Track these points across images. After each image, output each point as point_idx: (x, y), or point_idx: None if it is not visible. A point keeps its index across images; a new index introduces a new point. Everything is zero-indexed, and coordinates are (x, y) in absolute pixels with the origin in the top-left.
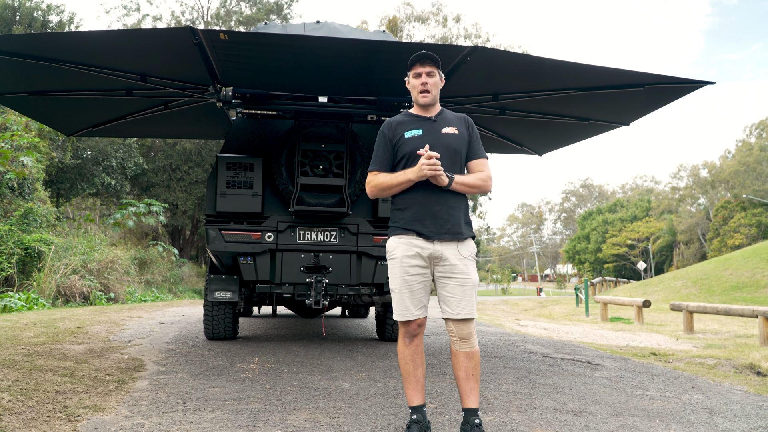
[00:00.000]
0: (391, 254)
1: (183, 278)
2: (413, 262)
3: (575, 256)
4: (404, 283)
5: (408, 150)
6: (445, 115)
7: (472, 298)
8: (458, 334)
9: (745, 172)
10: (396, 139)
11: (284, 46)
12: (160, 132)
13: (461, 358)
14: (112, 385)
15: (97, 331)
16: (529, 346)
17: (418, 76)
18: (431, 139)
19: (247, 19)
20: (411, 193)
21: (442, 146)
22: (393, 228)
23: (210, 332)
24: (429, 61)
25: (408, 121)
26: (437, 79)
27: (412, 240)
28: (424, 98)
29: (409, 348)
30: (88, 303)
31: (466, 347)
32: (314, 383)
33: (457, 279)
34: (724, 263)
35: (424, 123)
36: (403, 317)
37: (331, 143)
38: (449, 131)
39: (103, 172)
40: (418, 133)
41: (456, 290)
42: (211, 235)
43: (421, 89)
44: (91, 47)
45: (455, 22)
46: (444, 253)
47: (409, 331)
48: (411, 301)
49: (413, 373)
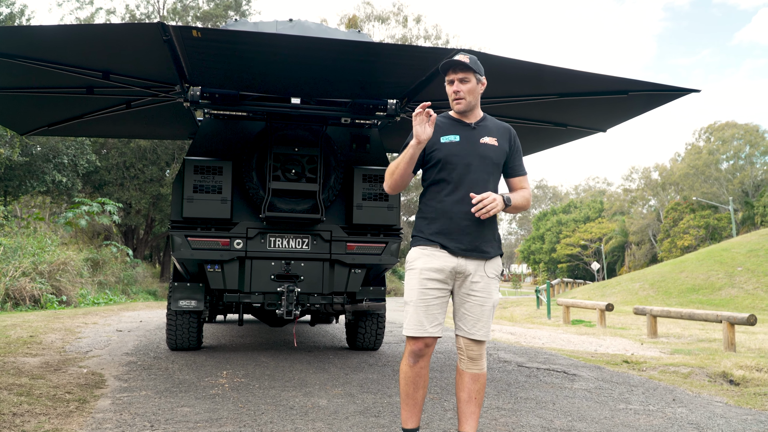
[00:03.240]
0: (410, 264)
1: (137, 279)
2: (433, 275)
3: (530, 256)
4: (421, 297)
5: (442, 155)
6: (486, 123)
7: (489, 319)
8: (468, 354)
9: (695, 175)
10: (431, 141)
11: (259, 44)
12: (121, 132)
13: (466, 379)
14: (73, 405)
15: (52, 341)
16: (502, 354)
17: (450, 84)
18: (468, 148)
19: (204, 14)
20: (440, 204)
21: (478, 156)
22: (417, 238)
23: (173, 342)
24: (461, 66)
25: (446, 125)
26: (473, 85)
27: (435, 252)
28: (458, 105)
29: (413, 369)
30: (39, 307)
31: (473, 368)
32: (289, 400)
33: (477, 298)
34: (680, 265)
35: (463, 129)
36: (416, 333)
37: (304, 147)
38: (488, 141)
39: (54, 170)
40: (455, 139)
41: (474, 309)
42: (177, 241)
43: (454, 97)
44: (51, 42)
45: (416, 23)
46: (468, 270)
47: (416, 351)
48: (426, 317)
49: (413, 395)
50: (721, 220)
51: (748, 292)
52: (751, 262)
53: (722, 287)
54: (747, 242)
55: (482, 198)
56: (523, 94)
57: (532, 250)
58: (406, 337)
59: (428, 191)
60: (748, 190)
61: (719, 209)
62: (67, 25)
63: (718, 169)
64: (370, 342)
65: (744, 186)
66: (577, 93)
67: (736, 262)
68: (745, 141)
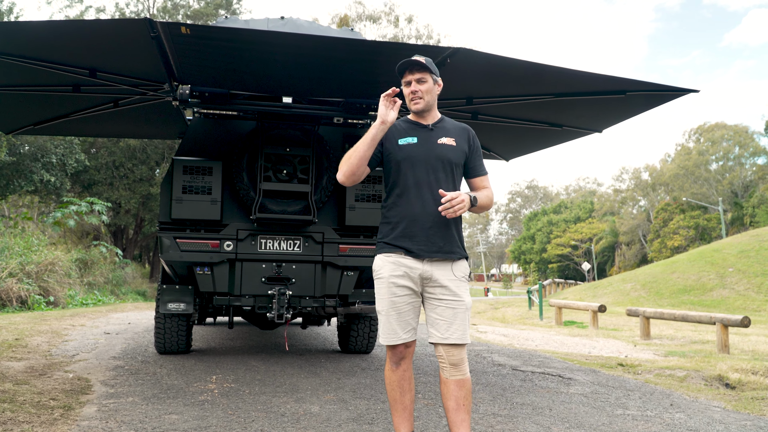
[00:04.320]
0: (377, 273)
1: (126, 279)
2: (401, 282)
3: (521, 256)
4: (392, 305)
5: (401, 158)
6: (444, 124)
7: (464, 321)
8: (448, 360)
9: (684, 175)
10: (390, 144)
11: (250, 42)
12: (108, 131)
13: (451, 387)
14: (58, 412)
15: (38, 344)
16: (496, 357)
17: (408, 85)
18: (426, 149)
19: (195, 13)
20: (402, 206)
21: (437, 157)
22: (380, 245)
23: (161, 346)
24: (418, 67)
25: (404, 128)
26: (430, 85)
27: (400, 259)
28: (416, 105)
29: (396, 373)
30: (26, 308)
31: (457, 374)
32: (280, 406)
33: (447, 301)
34: (671, 266)
35: (420, 131)
36: (390, 341)
37: (296, 147)
38: (446, 142)
39: (42, 169)
40: (413, 140)
41: (446, 313)
42: (165, 243)
43: (411, 97)
44: (36, 39)
45: (407, 23)
46: (435, 274)
47: (396, 355)
48: (399, 324)
49: (401, 400)
50: (711, 221)
51: (740, 293)
52: (742, 263)
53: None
54: (738, 243)
55: (452, 197)
56: (521, 93)
57: (522, 250)
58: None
59: (390, 196)
60: (738, 191)
61: (709, 210)
62: (52, 21)
63: (707, 170)
64: (362, 345)
65: (733, 187)
66: (574, 93)
67: (728, 263)
68: (735, 142)
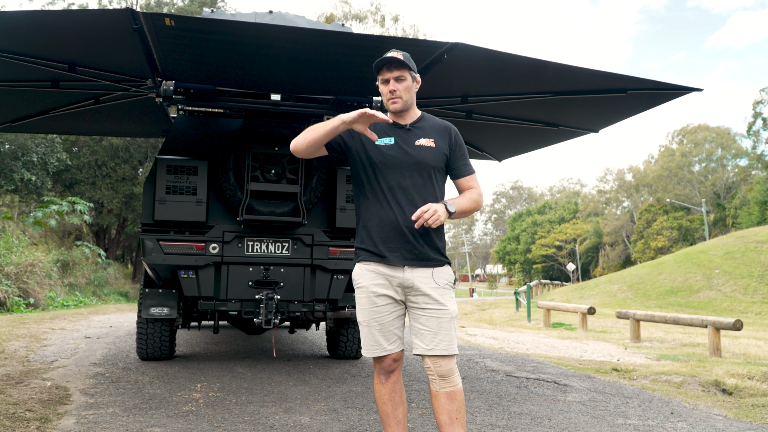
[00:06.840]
0: (357, 283)
1: (108, 280)
2: (381, 291)
3: (505, 256)
4: (373, 316)
5: (377, 160)
6: (423, 123)
7: (450, 331)
8: (437, 372)
9: (668, 176)
10: (367, 142)
11: (237, 35)
12: (89, 129)
13: (442, 400)
14: (33, 425)
15: (15, 349)
16: (489, 362)
17: (386, 83)
18: (403, 151)
19: (179, 10)
20: (379, 210)
21: (413, 160)
22: (358, 251)
23: (144, 352)
24: (396, 64)
25: (381, 128)
26: (409, 83)
27: (379, 267)
28: (394, 104)
29: (385, 386)
30: (5, 310)
31: (447, 386)
32: (268, 417)
33: (431, 310)
34: (658, 267)
35: (398, 131)
36: (375, 353)
37: (284, 146)
38: (424, 143)
39: (23, 168)
40: (390, 141)
41: (431, 323)
42: (148, 246)
43: (389, 97)
44: (11, 29)
45: (393, 22)
46: (416, 282)
47: (384, 368)
48: (382, 334)
49: (392, 414)
50: (694, 222)
51: (726, 294)
52: (728, 265)
53: (700, 289)
54: (723, 244)
55: (421, 213)
56: (519, 92)
57: (507, 251)
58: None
59: (365, 198)
60: (720, 192)
61: (692, 211)
62: (28, 11)
63: (690, 172)
64: (352, 351)
65: (716, 188)
66: (573, 91)
67: (714, 265)
68: (717, 144)
